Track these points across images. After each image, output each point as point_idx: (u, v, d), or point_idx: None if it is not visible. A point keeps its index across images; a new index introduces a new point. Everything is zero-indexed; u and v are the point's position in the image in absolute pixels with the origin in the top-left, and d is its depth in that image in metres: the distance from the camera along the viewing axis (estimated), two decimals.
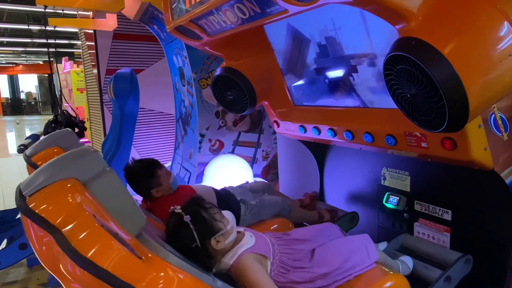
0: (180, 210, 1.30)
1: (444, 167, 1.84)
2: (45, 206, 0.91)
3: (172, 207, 1.35)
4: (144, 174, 1.94)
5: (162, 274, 0.89)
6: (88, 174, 1.06)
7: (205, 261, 1.27)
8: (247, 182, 2.56)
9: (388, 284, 1.42)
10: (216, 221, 1.31)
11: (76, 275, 0.84)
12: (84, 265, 0.80)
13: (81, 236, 0.84)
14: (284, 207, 2.28)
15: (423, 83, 1.15)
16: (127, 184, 1.99)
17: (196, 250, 1.26)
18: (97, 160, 1.12)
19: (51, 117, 3.52)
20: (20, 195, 0.96)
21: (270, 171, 3.69)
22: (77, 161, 1.11)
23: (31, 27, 10.98)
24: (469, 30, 1.15)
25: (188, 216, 1.28)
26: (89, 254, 0.81)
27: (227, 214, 1.38)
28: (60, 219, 0.87)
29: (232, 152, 3.51)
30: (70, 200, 0.94)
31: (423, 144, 1.60)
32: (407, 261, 1.77)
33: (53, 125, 3.18)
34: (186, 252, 1.25)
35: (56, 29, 4.71)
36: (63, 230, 0.85)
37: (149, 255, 0.95)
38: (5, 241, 2.90)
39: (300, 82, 2.29)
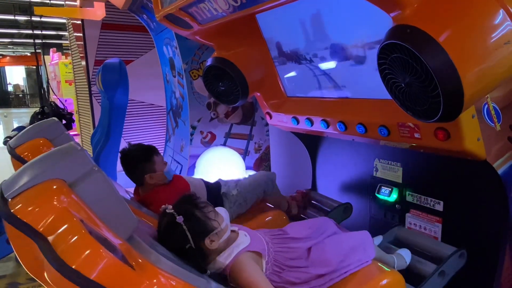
0: (172, 210, 1.25)
1: (436, 157, 1.84)
2: (29, 210, 0.85)
3: (163, 206, 1.30)
4: (141, 158, 1.93)
5: (154, 280, 0.85)
6: (75, 174, 0.99)
7: (199, 263, 1.24)
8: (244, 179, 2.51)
9: (384, 281, 1.40)
10: (210, 220, 1.27)
11: (61, 286, 0.78)
12: (70, 275, 0.75)
13: (67, 244, 0.78)
14: (267, 182, 2.27)
15: (418, 72, 1.13)
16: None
17: (189, 251, 1.22)
18: (84, 159, 1.05)
19: (37, 110, 3.44)
20: (2, 198, 0.89)
21: (262, 163, 3.68)
22: (63, 160, 1.03)
23: (18, 17, 10.73)
24: (464, 18, 1.13)
25: (180, 216, 1.23)
26: (76, 264, 0.76)
27: (222, 211, 1.35)
28: (45, 225, 0.81)
29: (224, 144, 3.49)
30: (56, 204, 0.87)
31: (416, 135, 1.59)
32: (404, 255, 1.74)
33: (39, 116, 3.11)
34: (179, 253, 1.21)
35: (43, 19, 4.59)
36: (48, 237, 0.79)
37: (140, 260, 0.90)
38: None
39: (293, 73, 2.27)
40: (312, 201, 2.58)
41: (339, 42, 1.82)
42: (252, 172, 3.49)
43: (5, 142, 2.58)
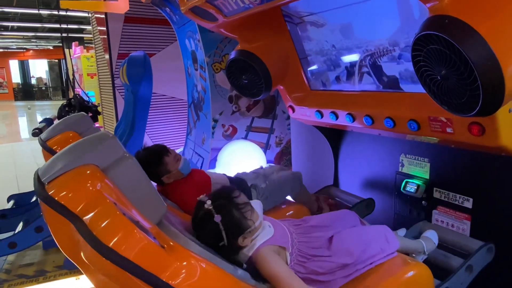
0: (211, 207, 1.23)
1: (466, 153, 1.79)
2: (64, 193, 0.89)
3: (201, 196, 1.29)
4: (152, 163, 1.92)
5: (185, 263, 0.87)
6: (107, 160, 1.03)
7: (230, 257, 1.24)
8: (261, 167, 2.53)
9: (410, 273, 1.39)
10: (246, 220, 1.26)
11: (97, 264, 0.82)
12: (106, 254, 0.78)
13: (102, 225, 0.82)
14: (295, 181, 2.26)
15: (456, 64, 1.09)
16: None
17: (222, 248, 1.23)
18: (116, 146, 1.09)
19: (62, 102, 3.52)
20: (39, 182, 0.94)
21: (283, 157, 3.66)
22: (96, 147, 1.08)
23: (41, 11, 10.95)
24: (506, 7, 1.08)
25: (218, 216, 1.21)
26: (111, 243, 0.79)
27: (257, 206, 1.33)
28: (80, 207, 0.85)
29: (245, 137, 3.48)
30: (90, 187, 0.91)
31: (449, 130, 1.55)
32: (430, 235, 1.74)
33: (66, 108, 3.17)
34: (211, 245, 1.22)
35: (67, 13, 4.66)
36: (84, 218, 0.83)
37: (171, 243, 0.92)
38: (21, 224, 2.94)
39: (318, 65, 2.23)
40: (336, 198, 2.56)
41: (366, 33, 1.78)
42: (273, 165, 3.48)
43: (33, 134, 2.65)
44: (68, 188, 0.91)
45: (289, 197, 2.33)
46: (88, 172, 0.97)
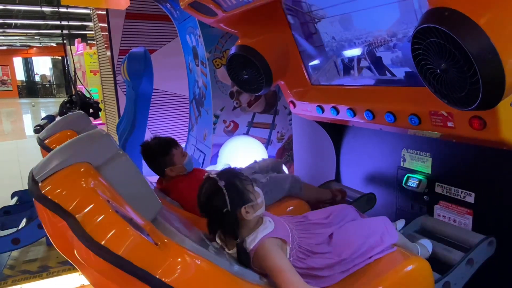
0: (216, 176, 1.31)
1: (468, 147, 1.77)
2: (58, 191, 0.89)
3: (207, 173, 1.37)
4: (159, 152, 1.95)
5: (179, 259, 0.87)
6: (101, 158, 1.03)
7: (233, 228, 1.28)
8: (255, 162, 2.53)
9: (409, 267, 1.38)
10: (248, 192, 1.32)
11: (91, 262, 0.82)
12: (99, 252, 0.78)
13: (95, 222, 0.82)
14: (294, 183, 2.26)
15: (456, 57, 1.08)
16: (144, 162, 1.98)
17: (226, 216, 1.26)
18: (109, 144, 1.09)
19: (65, 99, 3.53)
20: (33, 180, 0.94)
21: (285, 152, 3.66)
22: (89, 145, 1.08)
23: (44, 8, 10.97)
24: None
25: (222, 181, 1.28)
26: (104, 241, 0.79)
27: (258, 190, 1.39)
28: (73, 205, 0.85)
29: (247, 133, 3.48)
30: (84, 185, 0.91)
31: (450, 124, 1.53)
32: (427, 245, 1.74)
33: (68, 105, 3.18)
34: (215, 217, 1.28)
35: (69, 10, 4.66)
36: (77, 216, 0.83)
37: (165, 240, 0.92)
38: (24, 220, 2.96)
39: (319, 60, 2.22)
40: None
41: (367, 28, 1.76)
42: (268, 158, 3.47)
43: (35, 130, 2.66)
44: (62, 186, 0.91)
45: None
46: (81, 170, 0.97)
